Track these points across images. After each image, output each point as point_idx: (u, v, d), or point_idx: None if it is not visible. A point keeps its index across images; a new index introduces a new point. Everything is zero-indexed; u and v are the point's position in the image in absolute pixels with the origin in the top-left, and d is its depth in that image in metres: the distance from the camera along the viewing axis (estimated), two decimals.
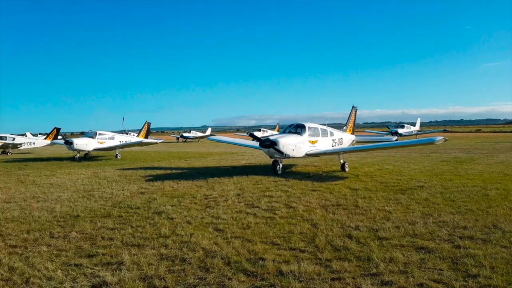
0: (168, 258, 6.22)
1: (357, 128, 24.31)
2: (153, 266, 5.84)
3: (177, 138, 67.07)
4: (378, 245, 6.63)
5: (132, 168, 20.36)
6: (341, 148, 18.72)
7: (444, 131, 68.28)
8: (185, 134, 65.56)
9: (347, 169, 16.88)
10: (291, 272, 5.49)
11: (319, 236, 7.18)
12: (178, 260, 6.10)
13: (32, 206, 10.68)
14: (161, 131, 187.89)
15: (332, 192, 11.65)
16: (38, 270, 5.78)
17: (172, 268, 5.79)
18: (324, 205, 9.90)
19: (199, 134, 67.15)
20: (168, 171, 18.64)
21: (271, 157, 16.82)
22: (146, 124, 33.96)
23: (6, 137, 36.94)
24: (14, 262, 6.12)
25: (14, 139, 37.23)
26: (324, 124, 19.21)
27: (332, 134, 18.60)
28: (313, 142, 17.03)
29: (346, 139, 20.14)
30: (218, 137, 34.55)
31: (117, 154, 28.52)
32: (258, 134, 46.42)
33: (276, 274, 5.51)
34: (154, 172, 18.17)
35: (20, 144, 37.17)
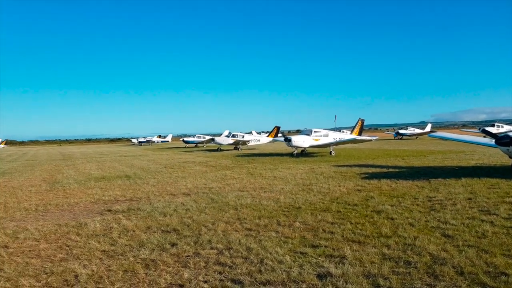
0: (391, 258, 5.91)
1: None
2: (376, 265, 5.65)
3: (395, 136, 64.47)
4: None
5: (346, 165, 20.61)
6: None
7: None
8: (401, 131, 62.45)
9: None
10: None
11: None
12: (402, 262, 5.73)
13: (261, 195, 12.00)
14: (373, 128, 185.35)
15: None
16: (270, 253, 6.36)
17: (396, 270, 5.46)
18: None
19: (417, 130, 62.90)
20: (385, 170, 18.04)
21: (511, 157, 14.23)
22: (360, 121, 33.85)
23: (237, 135, 43.71)
24: (250, 244, 6.93)
25: (243, 136, 43.63)
26: None
27: None
28: None
29: None
30: (441, 133, 31.21)
31: (331, 151, 29.44)
32: (492, 130, 40.36)
33: None
34: (370, 170, 17.89)
35: (248, 141, 43.30)
